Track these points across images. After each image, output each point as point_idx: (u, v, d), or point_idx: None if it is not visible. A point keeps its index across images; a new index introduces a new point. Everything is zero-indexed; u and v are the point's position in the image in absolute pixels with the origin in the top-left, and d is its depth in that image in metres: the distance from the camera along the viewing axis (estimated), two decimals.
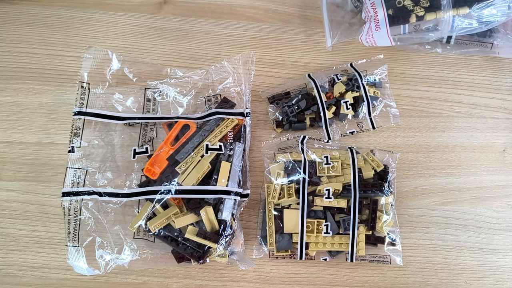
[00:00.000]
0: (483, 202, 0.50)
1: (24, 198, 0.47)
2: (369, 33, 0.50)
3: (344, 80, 0.52)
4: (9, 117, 0.50)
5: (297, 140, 0.48)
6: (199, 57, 0.54)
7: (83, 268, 0.43)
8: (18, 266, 0.45)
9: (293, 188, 0.45)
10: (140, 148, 0.47)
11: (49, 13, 0.55)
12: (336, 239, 0.44)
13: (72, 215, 0.44)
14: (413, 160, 0.51)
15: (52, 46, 0.54)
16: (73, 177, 0.45)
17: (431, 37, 0.51)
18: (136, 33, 0.55)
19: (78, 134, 0.46)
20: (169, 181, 0.44)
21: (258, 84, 0.53)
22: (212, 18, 0.57)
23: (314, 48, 0.56)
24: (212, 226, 0.44)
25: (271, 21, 0.57)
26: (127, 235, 0.44)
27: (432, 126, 0.53)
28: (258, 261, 0.46)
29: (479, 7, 0.48)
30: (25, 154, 0.49)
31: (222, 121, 0.48)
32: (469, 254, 0.48)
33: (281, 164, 0.46)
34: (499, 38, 0.52)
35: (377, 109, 0.52)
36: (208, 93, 0.51)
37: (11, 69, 0.52)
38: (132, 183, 0.46)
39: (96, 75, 0.49)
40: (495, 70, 0.56)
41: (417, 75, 0.55)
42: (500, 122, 0.53)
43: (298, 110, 0.50)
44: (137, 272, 0.45)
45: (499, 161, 0.51)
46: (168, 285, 0.45)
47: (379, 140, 0.52)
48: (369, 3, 0.50)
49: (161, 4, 0.57)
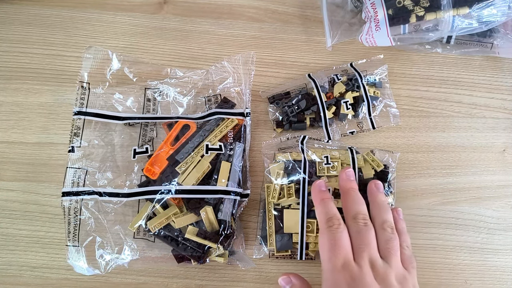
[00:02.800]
0: (483, 202, 0.50)
1: (24, 198, 0.47)
2: (369, 33, 0.50)
3: (344, 80, 0.52)
4: (9, 117, 0.50)
5: (297, 140, 0.48)
6: (199, 57, 0.54)
7: (83, 268, 0.43)
8: (18, 266, 0.45)
9: (293, 188, 0.45)
10: (140, 148, 0.47)
11: (49, 13, 0.55)
12: None
13: (72, 215, 0.44)
14: (413, 160, 0.51)
15: (52, 46, 0.54)
16: (73, 177, 0.45)
17: (431, 37, 0.51)
18: (136, 33, 0.55)
19: (78, 134, 0.46)
20: (169, 181, 0.44)
21: (258, 84, 0.53)
22: (212, 18, 0.57)
23: (314, 48, 0.56)
24: (212, 226, 0.44)
25: (271, 21, 0.57)
26: (127, 235, 0.44)
27: (432, 126, 0.53)
28: (258, 261, 0.46)
29: (479, 7, 0.48)
30: (25, 154, 0.49)
31: (222, 121, 0.48)
32: (469, 254, 0.48)
33: (281, 164, 0.46)
34: (499, 38, 0.53)
35: (377, 109, 0.52)
36: (208, 93, 0.51)
37: (11, 69, 0.52)
38: (132, 183, 0.46)
39: (96, 75, 0.49)
40: (495, 70, 0.56)
41: (417, 75, 0.55)
42: (500, 122, 0.53)
43: (298, 110, 0.50)
44: (137, 272, 0.45)
45: (499, 161, 0.51)
46: (168, 285, 0.45)
47: (379, 140, 0.52)
48: (369, 3, 0.50)
49: (161, 4, 0.57)
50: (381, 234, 0.38)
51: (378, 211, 0.40)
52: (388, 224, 0.39)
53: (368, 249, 0.36)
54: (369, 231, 0.37)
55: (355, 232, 0.37)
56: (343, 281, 0.34)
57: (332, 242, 0.36)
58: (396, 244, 0.38)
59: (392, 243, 0.37)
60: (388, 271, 0.35)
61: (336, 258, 0.35)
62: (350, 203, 0.40)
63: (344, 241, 0.36)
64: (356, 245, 0.37)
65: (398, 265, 0.37)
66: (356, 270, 0.35)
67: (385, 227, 0.38)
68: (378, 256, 0.36)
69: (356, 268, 0.35)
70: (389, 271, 0.35)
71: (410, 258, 0.38)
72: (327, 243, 0.37)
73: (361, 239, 0.37)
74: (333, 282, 0.34)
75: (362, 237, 0.37)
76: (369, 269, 0.35)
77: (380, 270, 0.35)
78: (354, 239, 0.37)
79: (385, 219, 0.39)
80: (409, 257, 0.38)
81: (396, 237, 0.38)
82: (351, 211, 0.39)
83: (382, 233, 0.38)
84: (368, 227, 0.38)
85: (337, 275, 0.35)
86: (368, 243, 0.37)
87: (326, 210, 0.39)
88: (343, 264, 0.35)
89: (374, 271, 0.35)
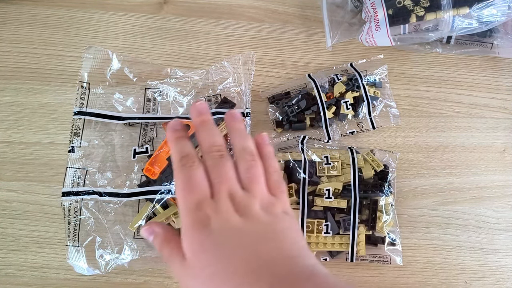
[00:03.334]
0: (483, 202, 0.50)
1: (24, 198, 0.47)
2: (369, 33, 0.50)
3: (344, 80, 0.52)
4: (9, 117, 0.50)
5: (297, 140, 0.48)
6: (199, 57, 0.54)
7: (83, 268, 0.43)
8: (18, 266, 0.45)
9: (293, 188, 0.45)
10: (140, 148, 0.47)
11: (49, 13, 0.55)
12: (336, 239, 0.44)
13: (72, 215, 0.44)
14: (413, 160, 0.51)
15: (52, 46, 0.54)
16: (73, 177, 0.45)
17: (431, 37, 0.51)
18: (136, 33, 0.55)
19: (78, 134, 0.46)
20: (169, 181, 0.44)
21: (258, 84, 0.53)
22: (212, 18, 0.57)
23: (314, 48, 0.56)
24: None
25: (271, 21, 0.57)
26: (127, 235, 0.44)
27: (432, 126, 0.53)
28: None
29: (479, 7, 0.48)
30: (25, 154, 0.49)
31: (222, 121, 0.48)
32: (469, 254, 0.48)
33: (281, 164, 0.46)
34: (499, 38, 0.53)
35: (377, 109, 0.52)
36: (208, 93, 0.51)
37: (11, 69, 0.52)
38: (132, 183, 0.46)
39: (96, 75, 0.49)
40: (495, 70, 0.56)
41: (417, 75, 0.55)
42: (500, 122, 0.53)
43: (298, 110, 0.50)
44: (137, 272, 0.45)
45: (499, 161, 0.51)
46: (168, 285, 0.45)
47: (379, 140, 0.52)
48: (369, 3, 0.50)
49: (161, 4, 0.57)
50: (241, 164, 0.33)
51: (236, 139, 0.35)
52: (247, 151, 0.34)
53: (225, 182, 0.32)
54: (226, 162, 0.33)
55: (210, 166, 0.33)
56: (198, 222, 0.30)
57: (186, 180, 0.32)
58: (258, 171, 0.33)
59: (253, 170, 0.33)
60: (250, 200, 0.31)
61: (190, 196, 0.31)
62: (203, 136, 0.35)
63: (199, 178, 0.32)
64: (213, 179, 0.32)
65: (262, 192, 0.32)
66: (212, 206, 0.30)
67: (244, 155, 0.33)
68: (239, 187, 0.32)
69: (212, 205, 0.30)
70: (251, 201, 0.31)
71: (277, 182, 0.34)
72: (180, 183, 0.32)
73: (217, 172, 0.32)
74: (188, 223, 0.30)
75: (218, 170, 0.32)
76: (227, 203, 0.31)
77: (241, 202, 0.31)
78: (210, 174, 0.32)
79: (244, 146, 0.34)
80: (276, 181, 0.34)
81: (258, 163, 0.33)
82: (204, 144, 0.34)
83: (243, 162, 0.33)
84: (225, 158, 0.33)
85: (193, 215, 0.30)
86: (225, 175, 0.32)
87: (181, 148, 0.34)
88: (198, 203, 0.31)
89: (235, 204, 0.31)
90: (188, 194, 0.31)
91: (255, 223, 0.30)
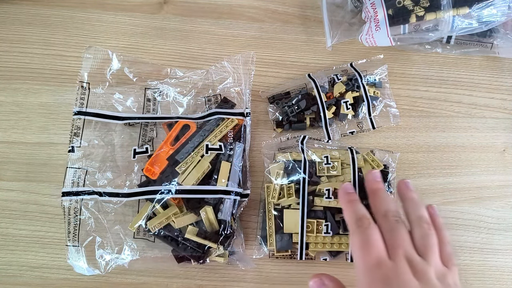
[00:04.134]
0: (483, 202, 0.50)
1: (24, 198, 0.47)
2: (369, 33, 0.50)
3: (344, 80, 0.52)
4: (9, 117, 0.50)
5: (297, 140, 0.48)
6: (199, 57, 0.54)
7: (83, 268, 0.43)
8: (18, 266, 0.45)
9: (293, 188, 0.45)
10: (140, 148, 0.47)
11: (49, 13, 0.55)
12: (336, 239, 0.44)
13: (72, 215, 0.44)
14: (413, 160, 0.51)
15: (52, 46, 0.54)
16: (73, 177, 0.45)
17: (431, 37, 0.51)
18: (136, 33, 0.55)
19: (78, 134, 0.46)
20: (169, 181, 0.44)
21: (258, 84, 0.53)
22: (212, 18, 0.57)
23: (314, 48, 0.56)
24: (212, 226, 0.44)
25: (271, 21, 0.57)
26: (127, 235, 0.44)
27: (432, 126, 0.53)
28: (258, 261, 0.46)
29: (479, 7, 0.48)
30: (25, 154, 0.49)
31: (222, 121, 0.48)
32: (469, 254, 0.48)
33: (281, 164, 0.46)
34: (499, 38, 0.52)
35: (377, 109, 0.52)
36: (208, 93, 0.51)
37: (11, 69, 0.52)
38: (132, 183, 0.46)
39: (96, 75, 0.49)
40: (495, 70, 0.56)
41: (417, 75, 0.55)
42: (500, 122, 0.53)
43: (298, 110, 0.50)
44: (137, 272, 0.45)
45: (499, 161, 0.51)
46: (168, 285, 0.45)
47: (379, 140, 0.52)
48: (369, 3, 0.50)
49: (161, 4, 0.57)
50: (417, 231, 0.35)
51: (412, 207, 0.37)
52: (424, 220, 0.36)
53: (403, 246, 0.33)
54: (402, 228, 0.35)
55: (387, 230, 0.34)
56: (378, 280, 0.31)
57: (364, 240, 0.33)
58: (434, 240, 0.35)
59: (429, 239, 0.34)
60: (426, 267, 0.32)
61: (369, 256, 0.32)
62: (378, 202, 0.37)
63: (376, 239, 0.33)
64: (390, 243, 0.33)
65: (437, 261, 0.34)
66: (392, 267, 0.32)
67: (421, 223, 0.35)
68: (415, 252, 0.33)
69: (391, 266, 0.32)
70: (428, 268, 0.32)
71: (449, 255, 0.35)
72: (358, 242, 0.34)
73: (394, 237, 0.34)
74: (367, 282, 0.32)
75: (395, 234, 0.34)
76: (406, 266, 0.32)
77: (418, 267, 0.32)
78: (387, 237, 0.34)
79: (420, 215, 0.36)
80: (448, 254, 0.35)
81: (434, 233, 0.35)
82: (380, 209, 0.36)
83: (418, 230, 0.35)
84: (401, 224, 0.35)
85: (372, 274, 0.32)
86: (402, 240, 0.34)
87: (355, 210, 0.36)
88: (377, 262, 0.32)
89: (412, 268, 0.32)
90: (367, 253, 0.33)
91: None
